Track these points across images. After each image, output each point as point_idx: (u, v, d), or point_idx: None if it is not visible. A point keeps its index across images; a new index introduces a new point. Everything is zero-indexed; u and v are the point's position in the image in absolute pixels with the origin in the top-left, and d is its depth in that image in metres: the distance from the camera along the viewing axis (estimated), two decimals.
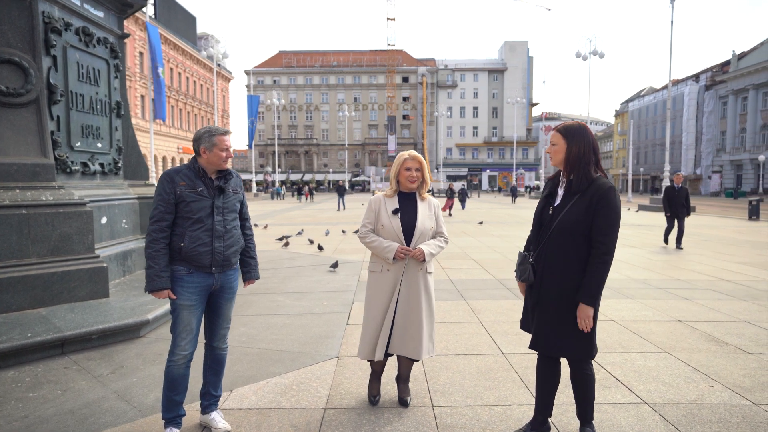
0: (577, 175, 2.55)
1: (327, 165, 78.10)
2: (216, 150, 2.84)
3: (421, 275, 3.16)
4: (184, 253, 2.78)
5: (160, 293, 2.77)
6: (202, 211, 2.80)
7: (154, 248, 2.75)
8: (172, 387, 2.86)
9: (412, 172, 3.17)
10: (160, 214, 2.77)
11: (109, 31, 6.86)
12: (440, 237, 3.28)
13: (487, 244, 12.08)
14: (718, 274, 8.01)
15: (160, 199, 2.78)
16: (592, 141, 2.59)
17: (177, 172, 2.84)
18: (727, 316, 5.44)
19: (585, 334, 2.58)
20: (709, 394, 3.43)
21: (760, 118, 51.92)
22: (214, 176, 2.90)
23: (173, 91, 48.62)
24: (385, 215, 3.17)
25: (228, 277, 2.96)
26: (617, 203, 2.52)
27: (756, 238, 13.67)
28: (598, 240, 2.50)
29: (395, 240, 3.13)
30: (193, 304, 2.84)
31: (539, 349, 2.72)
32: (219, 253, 2.84)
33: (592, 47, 35.70)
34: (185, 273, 2.81)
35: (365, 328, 3.22)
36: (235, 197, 2.99)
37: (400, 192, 3.25)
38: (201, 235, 2.79)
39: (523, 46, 77.77)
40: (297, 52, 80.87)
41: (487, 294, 6.62)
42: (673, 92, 32.59)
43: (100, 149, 6.70)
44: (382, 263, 3.17)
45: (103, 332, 4.54)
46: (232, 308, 3.08)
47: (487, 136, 77.55)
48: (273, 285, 7.24)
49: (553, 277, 2.59)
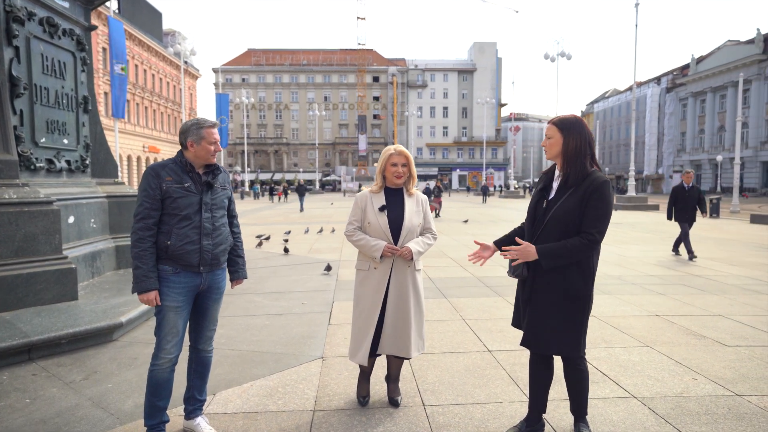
0: (574, 169, 2.53)
1: (297, 164, 77.34)
2: (204, 143, 2.71)
3: (409, 273, 3.10)
4: (171, 251, 2.64)
5: (148, 295, 2.62)
6: (189, 207, 2.67)
7: (140, 247, 2.60)
8: (155, 392, 2.71)
9: (398, 167, 3.09)
10: (146, 211, 2.62)
11: (75, 22, 6.56)
12: (428, 233, 3.23)
13: (463, 243, 12.14)
14: (687, 270, 8.24)
15: (145, 195, 2.63)
16: (588, 134, 2.58)
17: (162, 167, 2.69)
18: (702, 310, 5.58)
19: (575, 330, 2.56)
20: (694, 386, 3.48)
21: (717, 120, 54.04)
22: (201, 171, 2.77)
23: (138, 89, 47.25)
24: (371, 212, 3.09)
25: (216, 277, 2.84)
26: (610, 197, 2.50)
27: (718, 234, 14.18)
28: (586, 231, 2.46)
29: (382, 238, 3.05)
30: (179, 306, 2.70)
31: (531, 347, 2.68)
32: (208, 252, 2.72)
33: (559, 49, 36.47)
34: (172, 273, 2.67)
35: (357, 330, 3.14)
36: (224, 193, 2.87)
37: (386, 188, 3.18)
38: (189, 232, 2.66)
39: (492, 47, 78.78)
40: (266, 50, 79.80)
41: (468, 292, 6.62)
42: (636, 94, 33.59)
43: (66, 146, 6.40)
44: (369, 261, 3.10)
45: (73, 336, 4.31)
46: (219, 309, 2.95)
47: (457, 136, 78.26)
48: (249, 285, 7.06)
49: (546, 273, 2.55)
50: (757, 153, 48.81)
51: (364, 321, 3.10)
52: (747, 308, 5.68)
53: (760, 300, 6.10)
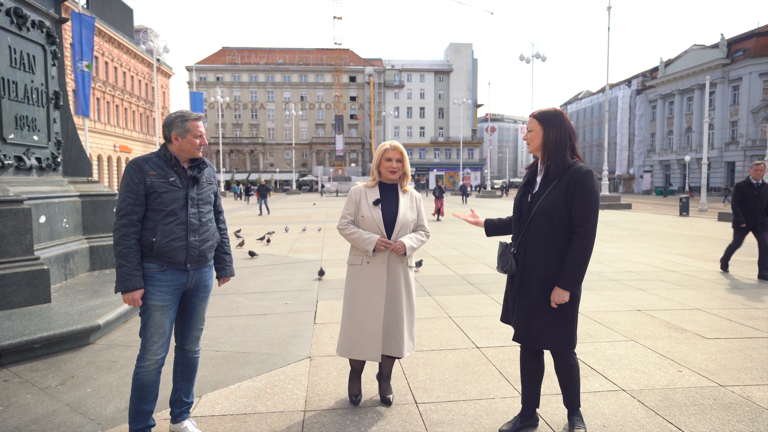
0: (555, 161, 2.53)
1: (273, 164, 76.55)
2: (189, 136, 2.62)
3: (401, 269, 3.06)
4: (156, 248, 2.54)
5: (132, 294, 2.51)
6: (175, 202, 2.57)
7: (124, 245, 2.49)
8: (141, 396, 2.60)
9: (392, 162, 3.07)
10: (129, 207, 2.51)
11: (45, 14, 6.31)
12: (421, 231, 3.20)
13: (444, 242, 12.16)
14: (663, 266, 8.42)
15: (128, 190, 2.53)
16: (569, 127, 2.59)
17: (146, 161, 2.58)
18: (680, 305, 5.70)
19: (566, 324, 2.56)
20: (680, 378, 3.54)
21: (685, 121, 55.66)
22: (186, 165, 2.68)
23: (109, 87, 46.06)
24: (365, 206, 3.06)
25: (203, 275, 2.75)
26: (594, 187, 2.50)
27: (689, 232, 14.57)
28: (578, 224, 2.48)
29: (376, 232, 3.02)
30: (166, 305, 2.60)
31: (523, 342, 2.67)
32: (194, 248, 2.62)
33: (534, 50, 36.96)
34: (157, 270, 2.57)
35: (350, 325, 3.07)
36: (210, 188, 2.78)
37: (381, 183, 3.14)
38: (175, 228, 2.56)
39: (468, 48, 79.44)
40: (241, 49, 78.78)
41: (452, 289, 6.62)
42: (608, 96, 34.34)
43: (36, 142, 6.15)
44: (362, 256, 3.05)
45: (47, 340, 4.14)
46: (206, 308, 2.85)
47: (434, 137, 78.65)
48: (230, 285, 6.92)
49: (533, 265, 2.55)
50: (722, 153, 50.46)
51: (361, 316, 3.03)
52: (722, 302, 5.82)
53: (733, 294, 6.26)
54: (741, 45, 49.84)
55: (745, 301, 5.86)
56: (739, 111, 49.17)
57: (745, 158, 48.13)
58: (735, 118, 49.74)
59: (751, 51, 48.03)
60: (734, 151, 49.51)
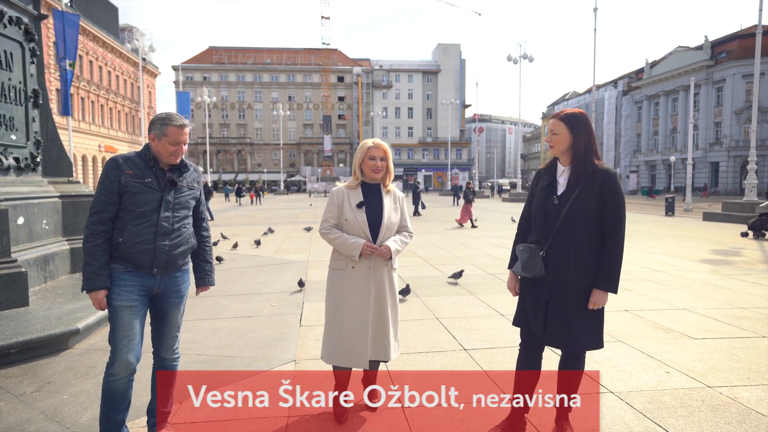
0: (583, 165, 2.50)
1: (261, 165, 76.11)
2: (165, 141, 2.51)
3: (386, 272, 2.99)
4: (122, 249, 2.46)
5: (97, 293, 2.44)
6: (148, 204, 2.48)
7: (92, 242, 2.42)
8: (111, 404, 2.50)
9: (376, 161, 2.95)
10: (101, 205, 2.45)
11: (23, 10, 6.15)
12: (405, 231, 3.12)
13: (431, 242, 12.14)
14: (650, 266, 8.46)
15: (102, 187, 2.46)
16: (592, 129, 2.56)
17: (126, 159, 2.51)
18: (667, 305, 5.71)
19: (600, 324, 2.56)
20: (667, 380, 3.52)
21: (670, 122, 56.32)
22: (167, 167, 2.59)
23: (93, 86, 45.43)
24: (348, 209, 2.95)
25: (174, 280, 2.64)
26: (621, 187, 2.55)
27: (675, 231, 14.70)
28: (612, 227, 2.48)
29: (360, 235, 2.92)
30: (134, 305, 2.50)
31: (562, 347, 2.62)
32: (163, 253, 2.52)
33: (521, 51, 37.15)
34: (122, 271, 2.49)
35: (335, 331, 2.99)
36: (190, 193, 2.67)
37: (363, 183, 3.04)
38: (144, 230, 2.48)
39: (456, 48, 79.67)
40: (228, 49, 78.21)
41: (440, 290, 6.57)
42: (594, 96, 34.69)
43: (14, 142, 6.00)
44: (346, 260, 2.95)
45: (23, 345, 4.02)
46: (181, 314, 2.76)
47: (422, 137, 78.75)
48: (215, 287, 6.76)
49: (569, 269, 2.49)
50: (706, 154, 51.13)
51: (352, 322, 2.93)
52: (709, 302, 5.85)
53: (719, 294, 6.30)
54: (725, 47, 50.56)
55: (732, 301, 5.89)
56: (723, 112, 49.87)
57: (729, 158, 48.85)
58: (719, 119, 50.44)
59: (734, 53, 48.73)
60: (718, 151, 50.20)
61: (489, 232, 14.39)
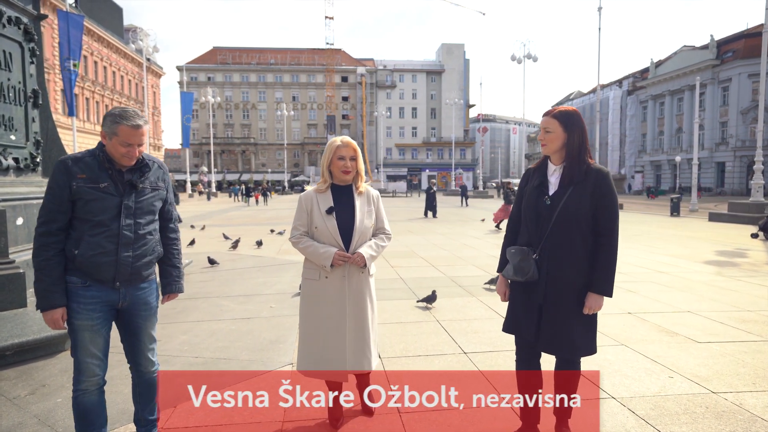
0: (577, 164, 2.43)
1: (265, 165, 76.18)
2: (115, 141, 2.21)
3: (363, 280, 2.84)
4: (78, 262, 2.21)
5: (52, 313, 2.22)
6: (105, 212, 2.22)
7: (43, 256, 2.19)
8: (84, 421, 2.34)
9: (346, 161, 2.76)
10: (50, 214, 2.20)
11: (22, 10, 6.13)
12: (381, 234, 2.95)
13: (433, 242, 12.07)
14: (654, 267, 8.37)
15: (50, 194, 2.20)
16: (585, 127, 2.50)
17: (76, 161, 2.22)
18: (671, 307, 5.63)
19: (593, 329, 2.50)
20: (671, 385, 3.45)
21: (676, 122, 55.99)
22: (125, 168, 2.30)
23: (98, 86, 45.60)
24: (318, 215, 2.77)
25: (141, 292, 2.41)
26: (614, 186, 2.49)
27: (680, 232, 14.57)
28: (606, 227, 2.40)
29: (332, 243, 2.75)
30: (95, 323, 2.28)
31: (558, 353, 2.55)
32: (126, 265, 2.27)
33: (526, 51, 37.03)
34: (81, 286, 2.25)
35: (310, 343, 2.88)
36: (154, 195, 2.39)
37: (333, 185, 2.84)
38: (102, 241, 2.22)
39: (460, 48, 79.49)
40: (232, 49, 78.34)
41: (440, 292, 6.47)
42: (599, 96, 34.58)
43: (13, 142, 5.98)
44: (319, 270, 2.80)
45: (19, 347, 3.99)
46: (154, 326, 2.54)
47: (426, 137, 78.62)
48: (215, 288, 6.78)
49: (562, 271, 2.41)
50: (712, 154, 50.80)
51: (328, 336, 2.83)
52: (714, 304, 5.76)
53: (725, 296, 6.21)
54: (730, 46, 50.22)
55: (737, 303, 5.80)
56: (728, 112, 49.52)
57: (735, 159, 48.50)
58: (725, 118, 50.09)
59: (740, 52, 48.39)
60: (724, 151, 49.86)
61: (491, 233, 14.31)
